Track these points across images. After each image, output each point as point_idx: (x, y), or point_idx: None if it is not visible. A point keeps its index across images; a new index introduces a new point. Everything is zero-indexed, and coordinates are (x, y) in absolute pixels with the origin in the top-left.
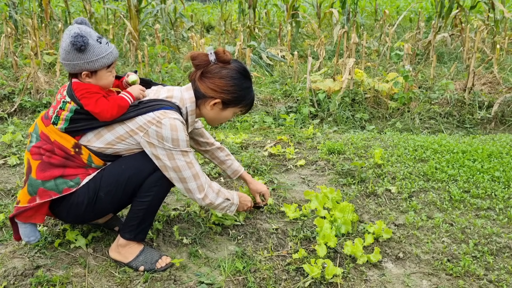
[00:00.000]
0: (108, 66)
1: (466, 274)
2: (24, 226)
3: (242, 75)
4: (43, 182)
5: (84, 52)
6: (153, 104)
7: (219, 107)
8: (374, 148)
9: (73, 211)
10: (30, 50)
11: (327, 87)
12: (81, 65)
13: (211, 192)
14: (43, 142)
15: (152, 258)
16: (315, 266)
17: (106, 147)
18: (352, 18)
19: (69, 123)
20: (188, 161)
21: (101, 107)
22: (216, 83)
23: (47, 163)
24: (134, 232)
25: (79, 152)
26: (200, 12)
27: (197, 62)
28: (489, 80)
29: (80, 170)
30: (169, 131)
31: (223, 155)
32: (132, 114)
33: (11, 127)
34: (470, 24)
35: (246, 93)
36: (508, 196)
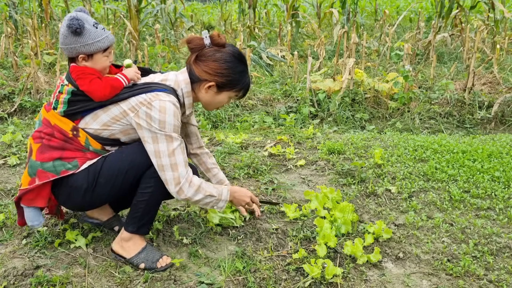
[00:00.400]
0: (104, 50)
1: (466, 274)
2: (28, 211)
3: (236, 59)
4: (42, 164)
5: (80, 35)
6: (147, 86)
7: (213, 90)
8: (374, 148)
9: (73, 195)
10: (30, 50)
11: (327, 87)
12: (78, 48)
13: (188, 188)
14: (44, 127)
15: (153, 257)
16: (315, 266)
17: (102, 128)
18: (352, 18)
19: (67, 106)
20: (171, 148)
21: (94, 86)
22: (210, 66)
23: (46, 145)
24: (137, 224)
25: (76, 135)
26: (200, 12)
27: (192, 45)
28: (489, 80)
29: (79, 153)
30: (157, 112)
31: (210, 162)
32: (126, 95)
33: (11, 127)
34: (470, 24)
35: (240, 76)
36: (508, 196)
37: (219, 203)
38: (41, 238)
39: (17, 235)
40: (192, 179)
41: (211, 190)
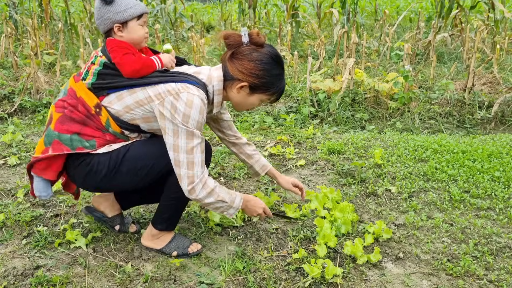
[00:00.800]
0: (138, 18)
1: (466, 274)
2: (38, 180)
3: (274, 61)
4: (60, 135)
5: (111, 3)
6: (179, 75)
7: (246, 91)
8: (374, 148)
9: (90, 177)
10: (30, 50)
11: (327, 87)
12: (111, 17)
13: (201, 189)
14: (69, 97)
15: (183, 244)
16: (315, 266)
17: (124, 110)
18: (352, 18)
19: (96, 78)
20: (190, 145)
21: (126, 59)
22: (245, 65)
23: (68, 117)
24: (166, 223)
25: (99, 113)
26: (200, 12)
27: (229, 41)
28: (489, 80)
29: (98, 132)
30: (183, 105)
31: (251, 149)
32: (155, 80)
33: (11, 127)
34: (470, 24)
35: (275, 80)
36: (508, 196)
37: (229, 209)
38: (41, 238)
39: (17, 235)
40: (206, 181)
41: (224, 196)
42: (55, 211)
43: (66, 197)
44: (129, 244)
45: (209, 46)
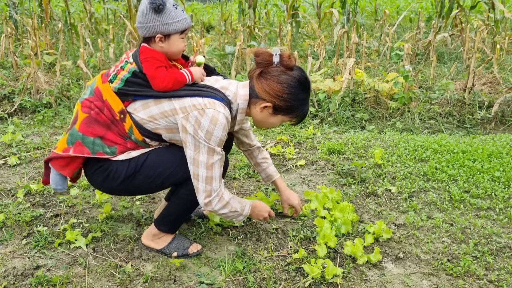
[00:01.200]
0: (181, 32)
1: (466, 274)
2: (55, 174)
3: (301, 86)
4: (83, 136)
5: (160, 13)
6: (206, 90)
7: (269, 111)
8: (374, 148)
9: (108, 182)
10: (30, 50)
11: (327, 87)
12: (157, 27)
13: (217, 202)
14: (95, 98)
15: (184, 245)
16: (315, 266)
17: (148, 119)
18: (352, 18)
19: (123, 84)
20: (210, 161)
21: (158, 74)
22: (271, 86)
23: (94, 119)
24: (169, 225)
25: (123, 119)
26: (200, 12)
27: (259, 59)
28: (489, 80)
29: (120, 139)
30: (208, 121)
31: (260, 157)
32: (182, 93)
33: (11, 127)
34: (470, 24)
35: (299, 104)
36: (508, 196)
37: (239, 217)
38: (41, 238)
39: (17, 235)
40: (223, 195)
41: (236, 206)
42: (55, 211)
43: (66, 197)
44: (129, 244)
45: (209, 46)
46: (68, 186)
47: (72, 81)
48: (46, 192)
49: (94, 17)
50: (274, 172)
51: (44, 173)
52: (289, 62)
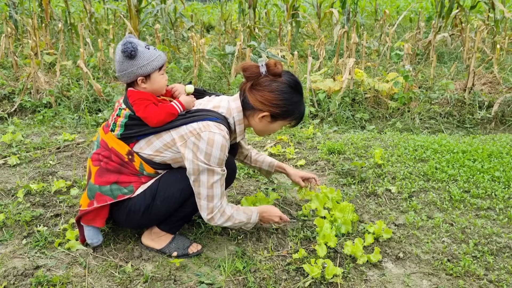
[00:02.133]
0: (160, 69)
1: (466, 274)
2: (88, 229)
3: (293, 89)
4: (100, 187)
5: (135, 58)
6: (199, 114)
7: (267, 119)
8: (374, 148)
9: (131, 217)
10: (30, 50)
11: (327, 87)
12: (135, 71)
13: (219, 217)
14: (102, 149)
15: (184, 245)
16: (315, 266)
17: (154, 154)
18: (352, 18)
19: (124, 129)
20: (211, 181)
21: (149, 112)
22: (265, 97)
23: (104, 169)
24: (171, 225)
25: (131, 159)
26: (200, 12)
27: (248, 73)
28: (489, 80)
29: (134, 178)
30: (205, 144)
31: (254, 153)
32: (178, 123)
33: (11, 127)
34: (470, 24)
35: (295, 107)
36: (508, 196)
37: (247, 225)
38: (41, 238)
39: (17, 235)
40: (224, 210)
41: (241, 218)
42: (55, 211)
43: (66, 197)
44: (129, 244)
45: (209, 46)
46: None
47: (72, 81)
48: (46, 192)
49: (94, 17)
50: (273, 160)
51: (79, 234)
52: (276, 70)
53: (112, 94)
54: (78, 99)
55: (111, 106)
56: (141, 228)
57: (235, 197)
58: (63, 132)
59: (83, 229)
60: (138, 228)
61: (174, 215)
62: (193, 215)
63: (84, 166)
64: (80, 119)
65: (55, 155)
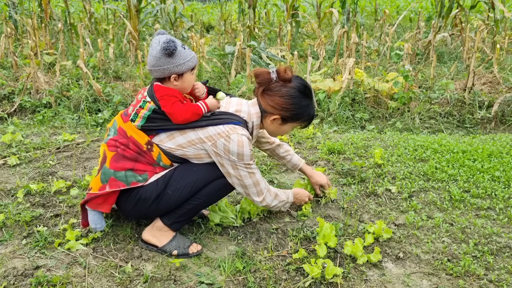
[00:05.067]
0: (192, 69)
1: (466, 274)
2: (93, 214)
3: (302, 94)
4: (115, 172)
5: (173, 56)
6: (224, 117)
7: (278, 122)
8: (374, 148)
9: (139, 205)
10: (30, 50)
11: (327, 87)
12: (171, 69)
13: (269, 196)
14: (120, 136)
15: (184, 244)
16: (315, 266)
17: (176, 148)
18: (352, 18)
19: (146, 121)
20: (250, 171)
21: (175, 109)
22: (275, 101)
23: (121, 155)
24: (174, 219)
25: (150, 149)
26: (200, 12)
27: (259, 80)
28: (489, 80)
29: (149, 167)
30: (235, 146)
31: (282, 151)
32: (204, 123)
33: (11, 127)
34: (470, 23)
35: (304, 110)
36: (508, 196)
37: (286, 204)
38: (41, 238)
39: (17, 235)
40: (270, 189)
41: (283, 196)
42: (55, 211)
43: (66, 197)
44: (129, 244)
45: (209, 46)
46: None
47: (72, 81)
48: (46, 192)
49: (94, 17)
50: (298, 161)
51: (82, 217)
52: (286, 75)
53: (112, 94)
54: (78, 99)
55: (111, 106)
56: (146, 218)
57: (235, 197)
58: (63, 132)
59: (87, 213)
60: (142, 218)
61: (179, 208)
62: (197, 212)
63: (84, 167)
64: (80, 119)
65: (55, 155)
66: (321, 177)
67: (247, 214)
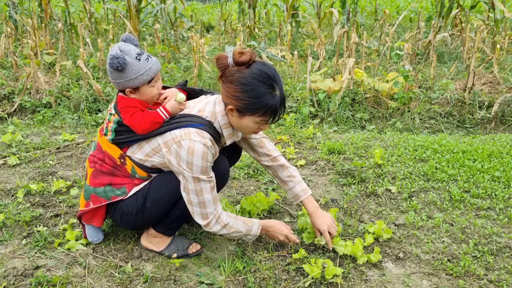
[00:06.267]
0: (149, 82)
1: (466, 274)
2: (88, 228)
3: (257, 80)
4: (95, 189)
5: (123, 71)
6: (182, 120)
7: (235, 114)
8: (374, 148)
9: (125, 219)
10: (30, 50)
11: (327, 87)
12: (123, 83)
13: (215, 224)
14: (97, 152)
15: (183, 245)
16: (315, 266)
17: (145, 158)
18: (352, 18)
19: (115, 135)
20: (198, 188)
21: (134, 120)
22: (227, 88)
23: (99, 171)
24: (166, 227)
25: (123, 163)
26: (200, 12)
27: (218, 64)
28: (489, 80)
29: (126, 180)
30: (185, 153)
31: (285, 175)
32: (163, 129)
33: (11, 127)
34: (470, 24)
35: (260, 100)
36: (508, 196)
37: (247, 237)
38: (41, 238)
39: (17, 235)
40: (220, 216)
41: (238, 227)
42: (55, 211)
43: (65, 197)
44: (129, 244)
45: (209, 46)
46: (103, 236)
47: (72, 81)
48: (46, 192)
49: (94, 17)
50: (302, 192)
51: (83, 231)
52: (239, 59)
53: (112, 94)
54: (78, 99)
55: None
56: (136, 229)
57: (235, 197)
58: (63, 132)
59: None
60: (134, 229)
61: (166, 217)
62: (188, 217)
63: (84, 166)
64: (80, 119)
65: (55, 155)
66: (323, 219)
67: (247, 214)
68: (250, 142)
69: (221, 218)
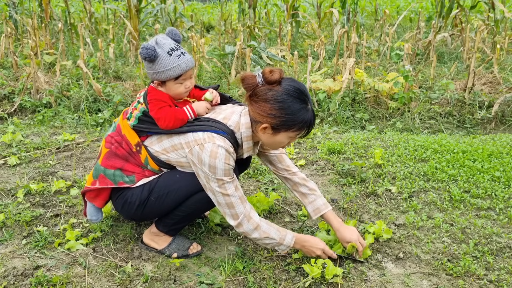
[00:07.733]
0: (176, 78)
1: (466, 274)
2: (90, 205)
3: (292, 97)
4: (105, 170)
5: (153, 63)
6: (207, 124)
7: (269, 132)
8: (374, 148)
9: (126, 208)
10: (30, 50)
11: (327, 87)
12: (151, 75)
13: (247, 224)
14: (116, 133)
15: (184, 246)
16: (315, 266)
17: (161, 152)
18: (352, 18)
19: (137, 122)
20: (223, 189)
21: (160, 114)
22: (261, 107)
23: (113, 153)
24: (167, 228)
25: (139, 151)
26: (200, 12)
27: (245, 84)
28: (489, 80)
29: (138, 169)
30: (208, 156)
31: (306, 189)
32: (185, 129)
33: (11, 127)
34: (470, 24)
35: (296, 116)
36: (508, 196)
37: (280, 246)
38: (41, 238)
39: (17, 235)
40: (251, 216)
41: (270, 232)
42: (55, 211)
43: (66, 197)
44: (129, 244)
45: (209, 46)
46: (103, 217)
47: (72, 81)
48: (46, 192)
49: (94, 17)
50: (323, 206)
51: (84, 206)
52: (271, 77)
53: (112, 94)
54: (78, 99)
55: (111, 106)
56: (135, 220)
57: None
58: (63, 132)
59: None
60: (132, 220)
61: (169, 217)
62: (191, 220)
63: (84, 166)
64: (80, 119)
65: (55, 155)
66: (352, 231)
67: None
68: (270, 158)
69: (253, 218)
